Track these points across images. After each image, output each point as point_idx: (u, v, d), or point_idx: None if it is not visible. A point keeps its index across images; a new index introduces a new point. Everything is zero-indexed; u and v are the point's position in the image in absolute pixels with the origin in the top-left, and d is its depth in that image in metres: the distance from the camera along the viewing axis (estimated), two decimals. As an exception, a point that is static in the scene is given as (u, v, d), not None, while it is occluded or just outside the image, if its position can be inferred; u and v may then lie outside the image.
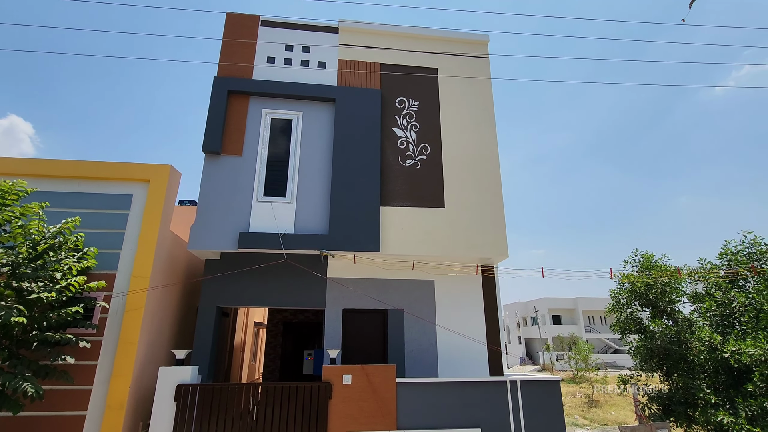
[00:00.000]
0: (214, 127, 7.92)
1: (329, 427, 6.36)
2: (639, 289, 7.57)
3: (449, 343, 8.26)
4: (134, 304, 6.61)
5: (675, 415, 7.03)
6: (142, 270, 6.77)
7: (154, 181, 7.23)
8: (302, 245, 7.54)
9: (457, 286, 8.62)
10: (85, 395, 6.14)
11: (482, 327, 8.40)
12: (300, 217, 7.82)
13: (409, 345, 8.17)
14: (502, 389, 6.94)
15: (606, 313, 8.21)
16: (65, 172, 7.04)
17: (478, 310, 8.53)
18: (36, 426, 5.90)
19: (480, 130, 8.98)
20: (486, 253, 8.09)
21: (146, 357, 6.75)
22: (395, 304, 8.29)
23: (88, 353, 6.27)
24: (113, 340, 6.43)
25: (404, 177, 8.41)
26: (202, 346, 7.56)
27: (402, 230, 7.96)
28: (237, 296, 7.98)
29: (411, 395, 6.69)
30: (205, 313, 7.76)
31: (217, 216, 7.57)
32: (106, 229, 6.91)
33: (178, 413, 6.09)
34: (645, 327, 7.83)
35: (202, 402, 6.19)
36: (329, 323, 8.09)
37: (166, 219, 7.32)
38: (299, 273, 8.11)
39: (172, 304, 7.89)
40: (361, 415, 6.48)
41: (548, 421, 6.85)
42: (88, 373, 6.23)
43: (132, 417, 6.36)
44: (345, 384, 6.58)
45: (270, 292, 8.08)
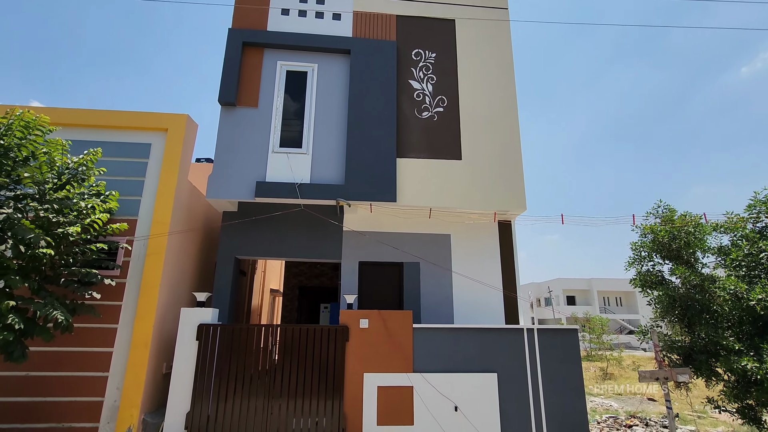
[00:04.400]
0: (229, 78, 7.90)
1: (346, 368, 6.45)
2: (662, 239, 7.38)
3: (465, 297, 8.25)
4: (155, 248, 6.74)
5: (696, 364, 6.94)
6: (162, 216, 6.87)
7: (172, 130, 7.28)
8: (318, 195, 7.54)
9: (473, 240, 8.56)
10: (111, 333, 6.34)
11: (499, 280, 8.35)
12: (316, 168, 7.81)
13: (425, 298, 8.19)
14: (519, 337, 6.92)
15: (626, 267, 8.09)
16: (85, 121, 7.13)
17: (494, 264, 8.47)
18: (68, 360, 6.13)
19: (498, 82, 8.76)
20: (504, 206, 7.98)
21: (168, 300, 6.91)
22: (412, 256, 8.28)
23: (113, 294, 6.44)
24: (136, 283, 6.59)
25: (420, 129, 8.30)
26: (221, 293, 7.71)
27: (418, 181, 7.89)
28: (254, 248, 8.08)
29: (427, 340, 6.73)
30: (223, 262, 7.89)
31: (234, 166, 7.60)
32: (126, 177, 7.01)
33: (200, 352, 6.25)
34: (666, 280, 7.69)
35: (223, 342, 6.33)
36: (345, 276, 8.15)
37: (184, 168, 7.39)
38: (315, 226, 8.15)
39: (192, 254, 8.02)
40: (377, 358, 6.55)
41: (566, 369, 6.83)
42: (114, 313, 6.42)
43: (156, 357, 6.55)
44: (362, 328, 6.64)
45: (286, 245, 8.16)
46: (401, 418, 6.30)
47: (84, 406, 6.01)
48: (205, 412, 6.02)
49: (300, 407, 6.21)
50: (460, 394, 6.48)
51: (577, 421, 6.61)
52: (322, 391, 6.31)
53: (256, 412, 6.12)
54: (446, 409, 6.39)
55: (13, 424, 5.81)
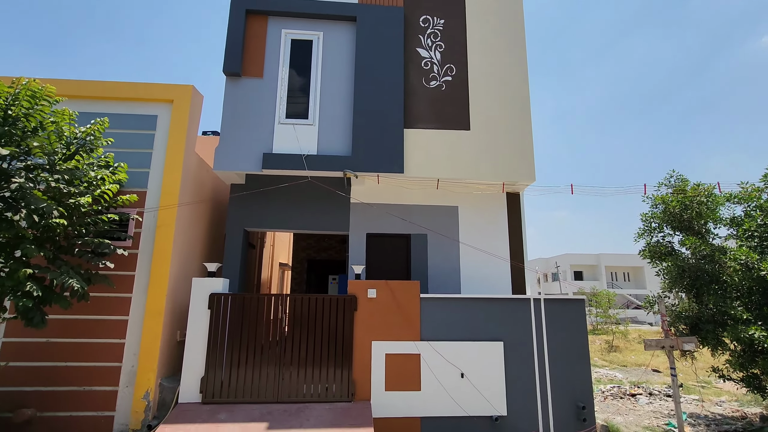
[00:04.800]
0: (233, 47, 7.76)
1: (355, 336, 6.59)
2: (673, 209, 7.27)
3: (472, 269, 8.29)
4: (165, 220, 6.81)
5: (702, 334, 6.96)
6: (171, 188, 6.92)
7: (177, 101, 7.23)
8: (325, 166, 7.51)
9: (481, 212, 8.52)
10: (126, 302, 6.51)
11: (506, 252, 8.35)
12: (323, 139, 7.75)
13: (432, 270, 8.24)
14: (525, 306, 6.98)
15: (635, 238, 8.02)
16: (89, 93, 7.11)
17: (502, 235, 8.45)
18: (86, 328, 6.33)
19: (509, 49, 8.50)
20: (512, 177, 7.89)
21: (179, 271, 7.04)
22: (419, 228, 8.29)
23: (126, 264, 6.57)
24: (148, 253, 6.70)
25: (428, 99, 8.14)
26: (231, 264, 7.83)
27: (426, 152, 7.81)
28: (262, 220, 8.14)
29: (434, 310, 6.81)
30: (232, 234, 7.97)
31: (241, 138, 7.57)
32: (133, 149, 7.03)
33: (212, 321, 6.40)
34: (676, 251, 7.63)
35: (234, 311, 6.47)
36: (353, 247, 8.20)
37: (191, 139, 7.38)
38: (323, 198, 8.16)
39: (201, 226, 8.11)
40: (385, 326, 6.67)
41: (571, 339, 6.90)
42: (128, 283, 6.57)
43: (170, 325, 6.73)
44: (370, 298, 6.73)
45: (294, 217, 8.20)
46: (409, 384, 6.46)
47: (103, 370, 6.24)
48: (218, 377, 6.22)
49: (310, 374, 6.39)
50: (467, 362, 6.60)
51: (581, 389, 6.73)
52: (332, 358, 6.46)
53: (268, 378, 6.31)
54: (453, 375, 6.53)
55: (38, 387, 6.07)
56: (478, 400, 6.47)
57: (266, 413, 5.92)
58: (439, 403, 6.42)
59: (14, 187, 4.71)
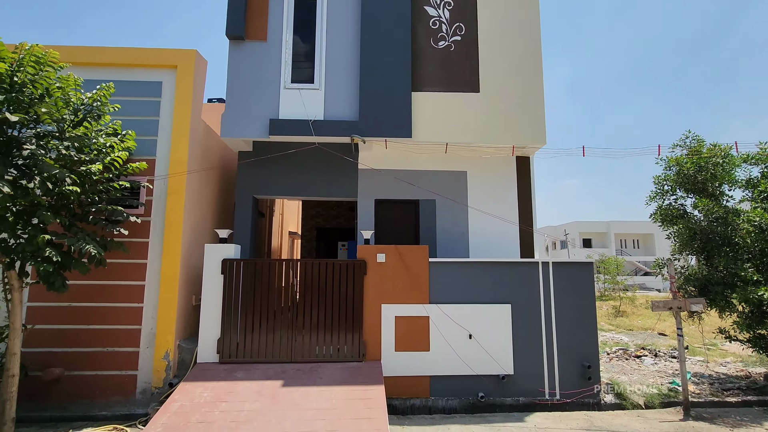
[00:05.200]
0: (236, 9, 7.55)
1: (365, 300, 6.73)
2: (688, 171, 7.13)
3: (481, 234, 8.30)
4: (175, 187, 6.87)
5: (711, 296, 6.98)
6: (179, 155, 6.94)
7: (181, 66, 7.12)
8: (333, 132, 7.44)
9: (490, 176, 8.44)
10: (142, 268, 6.68)
11: (515, 217, 8.33)
12: (329, 104, 7.63)
13: (440, 235, 8.28)
14: (533, 270, 7.03)
15: (647, 201, 7.92)
16: (92, 59, 7.02)
17: (511, 200, 8.40)
18: (106, 292, 6.55)
19: (521, 7, 8.14)
20: (522, 140, 7.75)
21: (192, 237, 7.17)
22: (428, 194, 8.26)
23: (140, 231, 6.70)
24: (160, 221, 6.81)
25: (436, 60, 7.91)
26: (242, 232, 7.94)
27: (434, 116, 7.67)
28: (271, 187, 8.17)
29: (443, 273, 6.89)
30: (241, 201, 8.04)
31: (247, 103, 7.49)
32: (140, 116, 7.01)
33: (226, 285, 6.56)
34: (688, 214, 7.54)
35: (247, 276, 6.62)
36: (362, 214, 8.24)
37: (197, 105, 7.32)
38: (331, 164, 8.13)
39: (211, 194, 8.18)
40: (395, 290, 6.79)
41: (579, 301, 6.97)
42: (142, 249, 6.72)
43: (185, 290, 6.92)
44: (379, 262, 6.82)
45: (302, 184, 8.21)
46: (418, 344, 6.64)
47: (124, 333, 6.50)
48: (234, 339, 6.45)
49: (322, 336, 6.58)
50: (475, 324, 6.74)
51: (587, 349, 6.86)
52: (343, 321, 6.64)
53: (281, 340, 6.52)
54: (461, 337, 6.68)
55: (64, 348, 6.36)
56: (485, 360, 6.65)
57: (281, 372, 6.17)
58: (447, 362, 6.61)
59: (26, 153, 4.75)
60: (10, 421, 5.05)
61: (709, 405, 6.67)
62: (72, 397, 6.25)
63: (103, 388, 6.34)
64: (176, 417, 5.03)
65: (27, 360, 6.17)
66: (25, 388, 6.08)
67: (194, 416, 5.04)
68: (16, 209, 5.27)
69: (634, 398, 6.78)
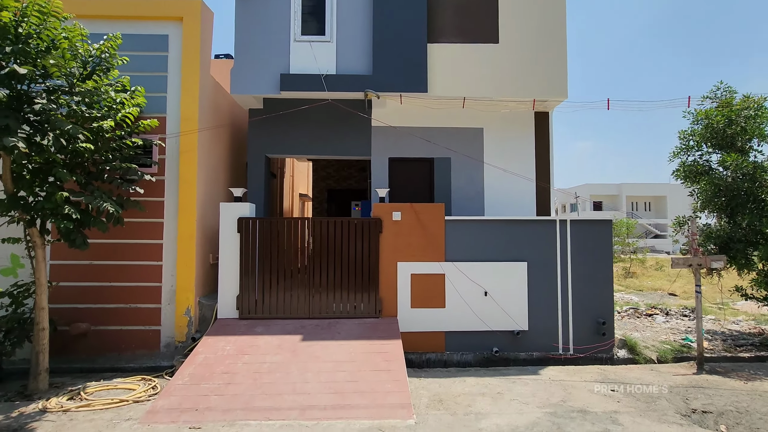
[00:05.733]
0: (241, -45, 7.12)
1: (381, 258, 6.74)
2: (717, 125, 6.82)
3: (497, 193, 8.18)
4: (187, 146, 6.78)
5: (732, 253, 6.88)
6: (190, 113, 6.79)
7: (187, 18, 6.83)
8: (345, 87, 7.19)
9: (507, 133, 8.20)
10: (158, 227, 6.72)
11: (532, 175, 8.15)
12: (341, 58, 7.33)
13: (455, 193, 8.17)
14: (551, 228, 6.94)
15: (670, 158, 7.67)
16: (95, 11, 6.76)
17: (528, 158, 8.20)
18: (125, 251, 6.64)
19: (545, -53, 7.56)
20: (542, 94, 7.45)
21: (206, 196, 7.15)
22: (443, 152, 8.08)
23: (155, 191, 6.68)
24: (174, 179, 6.77)
25: (453, 9, 7.49)
26: (255, 192, 7.91)
27: (451, 69, 7.35)
28: (283, 146, 8.04)
29: (459, 232, 6.84)
30: (254, 161, 7.95)
31: (256, 58, 7.23)
32: (148, 72, 6.81)
33: (242, 244, 6.59)
34: (713, 170, 7.30)
35: (263, 234, 6.63)
36: (375, 172, 8.12)
37: (205, 59, 7.10)
38: (344, 122, 7.93)
39: (223, 153, 8.08)
40: (410, 248, 6.78)
41: (596, 259, 6.91)
42: (158, 208, 6.73)
43: (202, 248, 6.98)
44: (395, 220, 6.77)
45: (315, 142, 8.06)
46: (434, 301, 6.71)
47: (145, 290, 6.63)
48: (252, 296, 6.56)
49: (339, 293, 6.66)
50: (490, 281, 6.75)
51: (602, 306, 6.87)
52: (359, 278, 6.69)
53: (299, 297, 6.62)
54: (477, 294, 6.72)
55: (88, 304, 6.53)
56: (500, 317, 6.71)
57: (299, 327, 6.30)
58: (463, 319, 6.69)
59: (37, 108, 4.66)
60: (44, 371, 5.27)
61: (722, 360, 6.73)
62: (99, 350, 6.48)
63: (128, 342, 6.56)
64: (202, 368, 5.20)
65: (54, 315, 6.36)
66: (55, 342, 6.30)
67: (219, 367, 5.21)
68: (32, 167, 5.26)
69: (646, 353, 6.86)
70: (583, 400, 4.98)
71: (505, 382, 5.66)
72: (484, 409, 4.71)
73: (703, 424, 4.41)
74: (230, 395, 4.68)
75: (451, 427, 4.23)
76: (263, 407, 4.49)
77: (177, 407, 4.47)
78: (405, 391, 4.79)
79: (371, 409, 4.50)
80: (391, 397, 4.70)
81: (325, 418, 4.35)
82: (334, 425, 4.20)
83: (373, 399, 4.66)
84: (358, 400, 4.64)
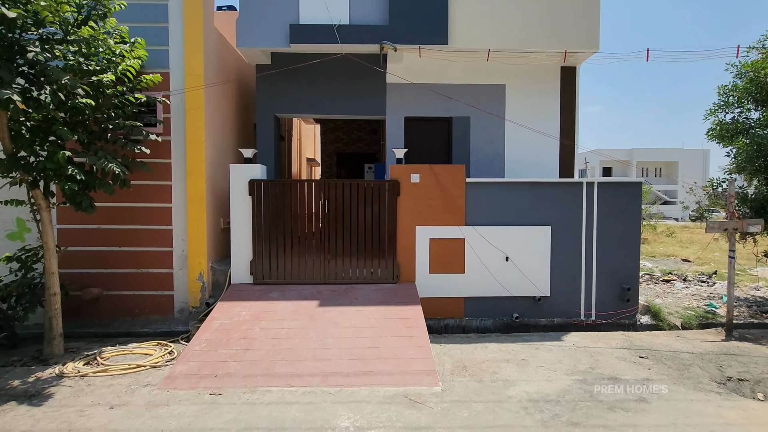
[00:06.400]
0: None
1: (398, 221, 6.47)
2: (765, 78, 6.30)
3: (518, 154, 7.78)
4: (193, 103, 6.38)
5: (768, 217, 6.54)
6: (194, 67, 6.35)
7: (187, -39, 6.25)
8: (359, 38, 6.68)
9: (530, 90, 7.70)
10: (167, 189, 6.44)
11: (556, 134, 7.71)
12: (355, 6, 6.77)
13: (475, 154, 7.79)
14: (576, 190, 6.59)
15: (705, 116, 7.18)
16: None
17: (552, 117, 7.74)
18: (134, 215, 6.40)
19: None
20: (571, 45, 6.89)
21: (215, 157, 6.83)
22: (461, 111, 7.63)
23: (161, 152, 6.36)
24: (181, 139, 6.43)
25: (478, -50, 6.81)
26: (265, 153, 7.56)
27: (474, 18, 6.77)
28: (293, 105, 7.61)
29: (480, 194, 6.52)
30: (262, 120, 7.56)
31: (264, 7, 6.69)
32: (147, 23, 6.32)
33: (254, 207, 6.32)
34: (753, 129, 6.82)
35: (275, 197, 6.34)
36: (390, 132, 7.71)
37: (208, 9, 6.58)
38: (357, 78, 7.45)
39: (231, 112, 7.67)
40: (429, 212, 6.48)
41: (623, 223, 6.59)
42: (166, 170, 6.43)
43: (213, 212, 6.73)
44: (413, 182, 6.44)
45: (327, 100, 7.62)
46: (453, 267, 6.49)
47: (156, 255, 6.45)
48: (266, 261, 6.36)
49: (355, 257, 6.44)
50: (512, 246, 6.49)
51: (627, 272, 6.63)
52: (376, 243, 6.45)
53: (314, 262, 6.41)
54: (497, 259, 6.48)
55: (100, 269, 6.38)
56: (521, 282, 6.50)
57: (315, 293, 6.13)
58: (482, 284, 6.49)
59: (30, 56, 4.29)
60: (58, 336, 5.17)
61: (749, 327, 6.54)
62: (112, 315, 6.39)
63: (141, 307, 6.45)
64: (218, 333, 5.07)
65: (66, 280, 6.23)
66: (67, 307, 6.20)
67: (235, 333, 5.07)
68: (31, 124, 4.93)
69: (670, 319, 6.67)
70: (613, 367, 4.83)
71: (529, 348, 5.52)
72: (510, 376, 4.56)
73: (740, 392, 4.25)
74: (249, 361, 4.55)
75: (479, 394, 4.09)
76: (284, 373, 4.37)
77: (196, 373, 4.36)
78: (429, 357, 4.64)
79: (395, 375, 4.36)
80: (415, 363, 4.56)
81: (348, 384, 4.22)
82: (357, 392, 4.07)
83: (396, 365, 4.52)
84: (380, 366, 4.50)
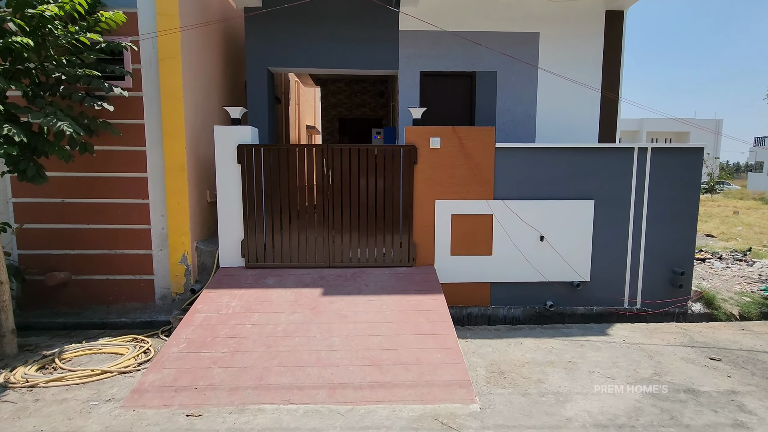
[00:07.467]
0: None
1: (415, 194, 5.47)
2: None
3: (551, 115, 6.70)
4: (168, 51, 5.25)
5: None
6: (167, 5, 5.18)
7: None
8: (369, -30, 5.47)
9: (569, 39, 6.53)
10: (140, 156, 5.41)
11: (598, 87, 6.61)
12: (363, -71, 5.52)
13: (501, 116, 6.70)
14: (625, 157, 5.55)
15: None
16: None
17: (594, 70, 6.61)
18: (103, 187, 5.40)
19: None
20: (627, -19, 5.68)
21: (197, 118, 5.76)
22: (487, 64, 6.49)
23: (132, 111, 5.30)
24: (155, 96, 5.34)
25: None
26: (257, 112, 6.49)
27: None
28: (289, 57, 6.46)
29: (512, 163, 5.49)
30: (254, 74, 6.44)
31: (250, -70, 5.45)
32: (106, -53, 5.10)
33: (245, 177, 5.32)
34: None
35: (269, 165, 5.33)
36: (403, 91, 6.60)
37: (182, -70, 5.32)
38: (365, 24, 6.29)
39: (216, 65, 6.53)
40: (451, 182, 5.48)
41: (679, 196, 5.60)
42: (138, 133, 5.38)
43: (196, 183, 5.74)
44: (433, 148, 5.40)
45: (329, 52, 6.46)
46: (479, 247, 5.55)
47: (131, 233, 5.50)
48: (260, 241, 5.42)
49: (364, 237, 5.50)
50: (548, 224, 5.52)
51: (681, 254, 5.69)
52: (389, 219, 5.48)
53: (316, 241, 5.47)
54: (530, 239, 5.53)
55: (66, 250, 5.44)
56: (557, 265, 5.57)
57: (318, 278, 5.23)
58: (512, 268, 5.57)
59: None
60: (9, 333, 4.29)
61: (819, 316, 5.68)
62: (83, 302, 5.50)
63: (117, 293, 5.56)
64: (201, 330, 4.18)
65: (24, 263, 5.32)
66: (30, 295, 5.34)
67: (222, 330, 4.19)
68: (-49, 70, 3.88)
69: (726, 307, 5.80)
70: (683, 374, 3.96)
71: (572, 346, 4.65)
72: (561, 385, 3.70)
73: None
74: (238, 368, 3.68)
75: (529, 414, 3.22)
76: (281, 384, 3.50)
77: (171, 384, 3.49)
78: (460, 363, 3.76)
79: (420, 388, 3.49)
80: (443, 371, 3.69)
81: (361, 400, 3.35)
82: (374, 412, 3.21)
83: (420, 374, 3.65)
84: (401, 375, 3.63)
